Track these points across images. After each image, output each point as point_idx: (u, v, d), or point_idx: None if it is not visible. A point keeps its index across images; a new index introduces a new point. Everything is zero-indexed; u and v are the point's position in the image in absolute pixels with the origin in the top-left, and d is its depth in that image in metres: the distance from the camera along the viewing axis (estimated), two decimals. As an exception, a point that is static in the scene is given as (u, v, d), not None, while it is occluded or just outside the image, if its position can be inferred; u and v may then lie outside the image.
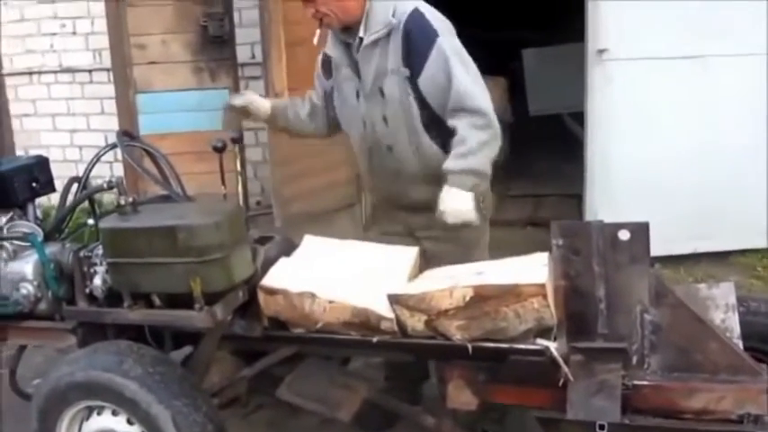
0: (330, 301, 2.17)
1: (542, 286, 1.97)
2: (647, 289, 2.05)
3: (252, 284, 2.29)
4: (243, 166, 3.00)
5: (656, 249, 2.11)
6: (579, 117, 4.75)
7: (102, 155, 2.68)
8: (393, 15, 2.47)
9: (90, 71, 5.86)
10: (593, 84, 4.37)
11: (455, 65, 2.43)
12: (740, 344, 2.08)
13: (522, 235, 4.78)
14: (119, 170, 4.87)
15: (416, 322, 2.10)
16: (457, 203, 2.41)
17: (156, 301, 2.26)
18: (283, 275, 2.29)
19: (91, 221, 2.51)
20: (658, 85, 4.32)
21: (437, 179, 2.46)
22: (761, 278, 4.25)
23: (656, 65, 4.29)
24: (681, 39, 4.26)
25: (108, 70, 5.44)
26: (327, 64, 2.70)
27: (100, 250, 2.32)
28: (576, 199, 4.88)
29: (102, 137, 5.69)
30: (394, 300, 2.11)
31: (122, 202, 2.27)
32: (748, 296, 2.62)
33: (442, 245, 2.60)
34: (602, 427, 1.89)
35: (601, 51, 4.30)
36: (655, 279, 2.09)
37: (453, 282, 2.08)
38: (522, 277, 2.01)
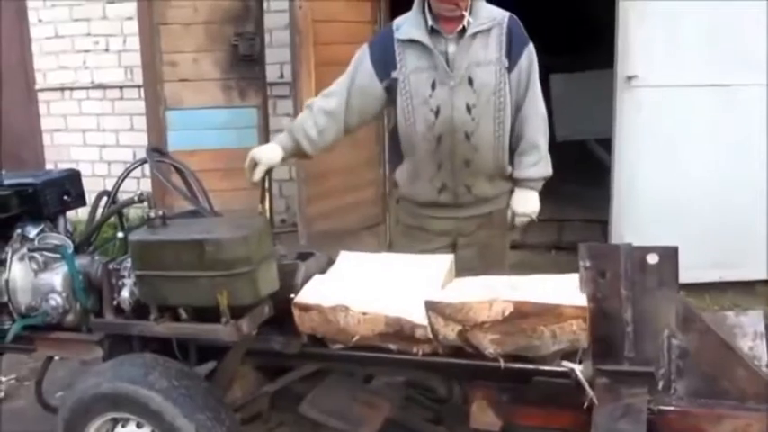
0: (363, 313, 2.15)
1: (584, 309, 1.97)
2: (674, 313, 2.03)
3: (290, 301, 2.28)
4: (269, 183, 3.02)
5: (682, 277, 2.08)
6: (605, 143, 4.75)
7: (133, 170, 2.71)
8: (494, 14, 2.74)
9: (121, 87, 5.97)
10: (622, 110, 4.37)
11: (535, 71, 2.74)
12: (768, 372, 2.05)
13: (548, 258, 4.76)
14: (146, 185, 4.92)
15: (449, 331, 2.08)
16: (531, 205, 2.81)
17: (183, 314, 2.28)
18: (317, 291, 2.28)
19: (120, 234, 2.53)
20: (686, 113, 4.32)
21: (501, 175, 2.79)
22: (788, 308, 4.19)
23: (685, 92, 4.29)
24: (709, 67, 4.26)
25: (139, 87, 5.53)
26: (387, 64, 2.74)
27: (128, 263, 2.34)
28: (601, 224, 4.86)
29: (130, 153, 5.78)
30: (430, 306, 2.09)
31: (152, 215, 2.30)
32: (777, 324, 2.59)
33: (474, 251, 2.76)
34: (627, 450, 1.87)
35: (630, 78, 4.31)
36: (682, 304, 2.07)
37: (492, 293, 2.06)
38: (565, 298, 2.00)
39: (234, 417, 2.23)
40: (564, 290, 2.07)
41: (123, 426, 2.26)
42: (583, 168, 6.10)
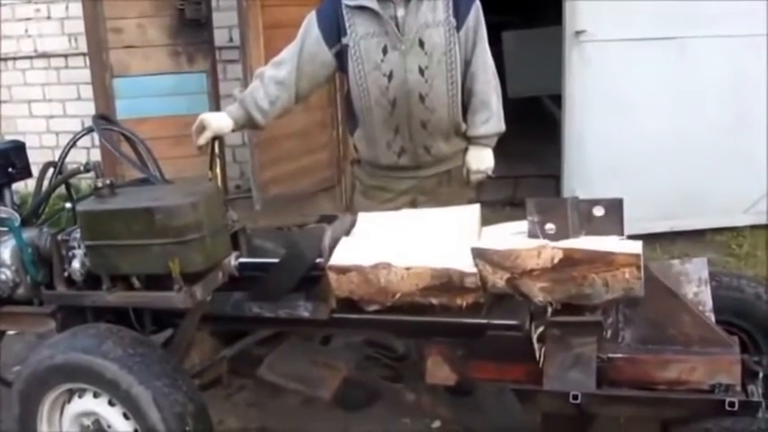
0: (407, 268, 2.07)
1: (637, 257, 1.91)
2: (621, 264, 2.07)
3: (318, 265, 2.22)
4: (221, 149, 2.99)
5: (633, 228, 2.12)
6: (558, 99, 4.78)
7: (79, 139, 2.65)
8: None
9: (66, 56, 5.81)
10: (571, 65, 4.40)
11: (482, 27, 2.77)
12: (712, 317, 2.12)
13: (503, 214, 4.80)
14: (96, 156, 4.84)
15: (498, 279, 2.02)
16: (485, 162, 2.86)
17: (136, 282, 2.27)
18: (352, 252, 2.18)
19: (68, 205, 2.50)
20: (635, 67, 4.36)
21: (457, 132, 2.82)
22: (735, 255, 4.32)
23: (633, 46, 4.33)
24: (657, 20, 4.30)
25: (84, 55, 5.39)
26: (334, 30, 2.72)
27: (77, 234, 2.31)
28: (555, 180, 4.92)
29: (78, 122, 5.65)
30: (477, 254, 2.02)
31: (99, 184, 2.27)
32: (720, 271, 2.67)
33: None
34: (575, 397, 1.92)
35: (578, 33, 4.33)
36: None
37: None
38: (617, 246, 1.94)
39: (192, 382, 2.23)
40: (617, 238, 2.01)
41: (80, 396, 2.25)
42: (536, 125, 6.14)
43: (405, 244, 2.19)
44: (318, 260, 2.22)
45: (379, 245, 2.19)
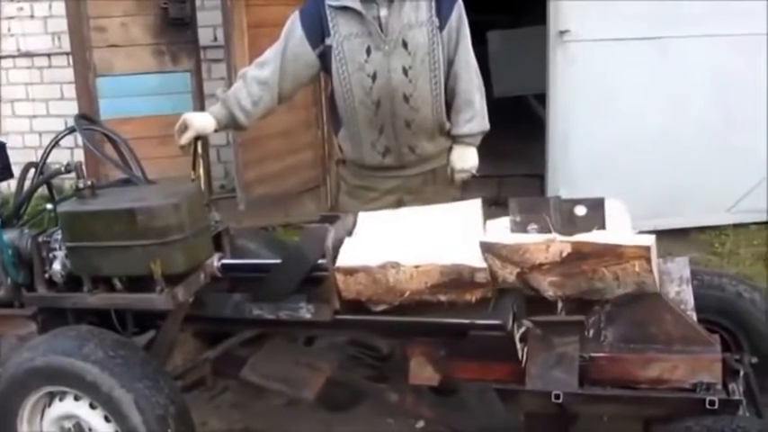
0: (416, 266, 2.04)
1: (647, 249, 1.90)
2: (603, 263, 2.08)
3: (320, 266, 2.20)
4: (205, 149, 2.97)
5: (617, 227, 2.13)
6: (543, 98, 4.80)
7: (60, 139, 2.64)
8: None
9: (49, 55, 5.76)
10: (555, 65, 4.42)
11: (465, 25, 2.76)
12: (694, 316, 2.12)
13: (488, 214, 4.80)
14: (79, 156, 4.80)
15: (508, 274, 2.01)
16: (469, 161, 2.85)
17: (117, 284, 2.25)
18: (356, 253, 2.16)
19: (49, 206, 2.48)
20: (619, 66, 4.39)
21: (441, 131, 2.82)
22: (718, 254, 4.34)
23: (617, 46, 4.35)
24: (641, 20, 4.32)
25: (67, 54, 5.35)
26: (318, 31, 2.71)
27: (59, 235, 2.30)
28: (539, 179, 4.93)
29: (62, 122, 5.58)
30: (486, 248, 2.00)
31: (81, 185, 2.25)
32: (702, 270, 2.68)
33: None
34: (557, 396, 1.93)
35: (562, 33, 4.34)
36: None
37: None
38: (626, 238, 1.94)
39: (174, 384, 2.22)
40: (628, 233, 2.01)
41: (61, 399, 2.23)
42: (521, 124, 6.15)
43: (410, 242, 2.18)
44: (321, 261, 2.20)
45: (385, 244, 2.17)
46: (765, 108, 4.44)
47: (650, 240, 1.93)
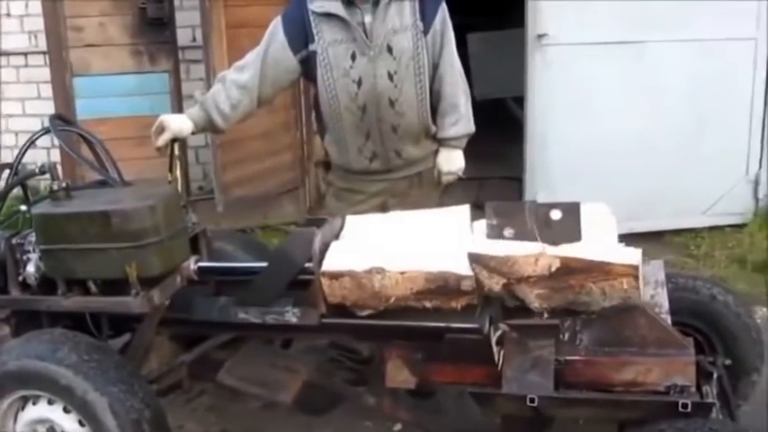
0: (402, 273, 2.04)
1: (635, 268, 1.93)
2: (578, 267, 2.09)
3: (307, 270, 2.18)
4: (184, 150, 2.95)
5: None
6: (522, 101, 4.82)
7: (36, 139, 2.61)
8: None
9: (25, 54, 5.70)
10: (533, 68, 4.44)
11: (449, 29, 2.78)
12: (668, 319, 2.14)
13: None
14: (56, 156, 4.76)
15: (494, 284, 2.02)
16: (456, 163, 2.88)
17: (92, 287, 2.24)
18: (344, 257, 2.14)
19: (24, 208, 2.45)
20: (596, 70, 4.43)
21: (427, 135, 2.83)
22: (693, 257, 4.39)
23: (594, 50, 4.39)
24: (618, 24, 4.37)
25: (44, 53, 5.29)
26: (301, 36, 2.70)
27: (33, 237, 2.28)
28: (518, 182, 4.95)
29: (38, 122, 5.51)
30: (474, 259, 2.01)
31: (55, 187, 2.23)
32: (677, 273, 2.71)
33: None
34: (532, 400, 1.93)
35: (540, 36, 4.37)
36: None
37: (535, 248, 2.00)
38: (615, 255, 1.95)
39: (149, 388, 2.21)
40: (615, 246, 2.04)
41: (34, 403, 2.21)
42: (501, 126, 6.16)
43: (397, 247, 2.16)
44: (308, 264, 2.18)
45: (371, 249, 2.16)
46: (740, 111, 4.50)
47: (638, 258, 1.96)
